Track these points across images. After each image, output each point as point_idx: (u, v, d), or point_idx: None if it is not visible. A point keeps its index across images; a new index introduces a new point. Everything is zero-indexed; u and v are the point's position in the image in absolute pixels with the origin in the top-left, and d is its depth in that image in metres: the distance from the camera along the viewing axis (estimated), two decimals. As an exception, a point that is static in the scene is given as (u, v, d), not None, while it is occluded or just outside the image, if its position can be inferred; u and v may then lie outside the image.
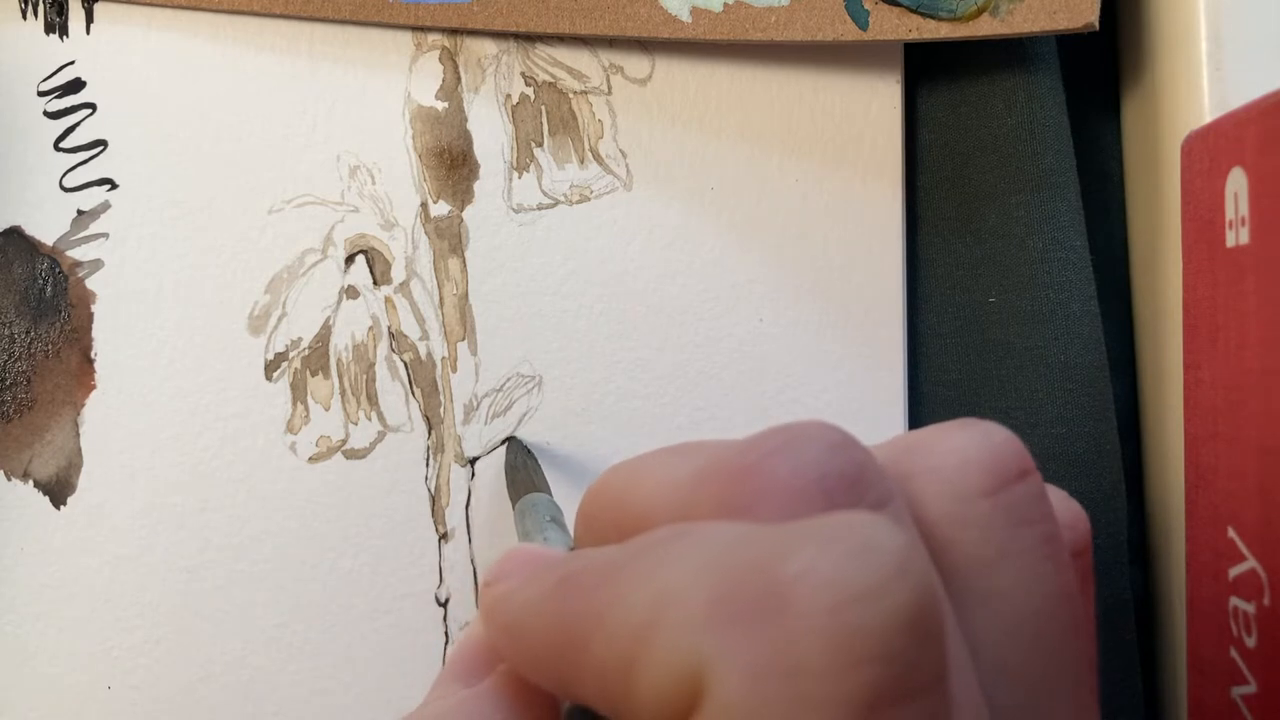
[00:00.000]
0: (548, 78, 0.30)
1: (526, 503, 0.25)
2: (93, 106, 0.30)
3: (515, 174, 0.30)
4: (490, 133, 0.30)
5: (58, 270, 0.29)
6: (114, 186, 0.29)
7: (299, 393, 0.29)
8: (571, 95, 0.30)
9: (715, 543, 0.13)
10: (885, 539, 0.13)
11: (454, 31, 0.30)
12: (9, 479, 0.29)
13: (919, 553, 0.13)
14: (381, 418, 0.29)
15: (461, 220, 0.30)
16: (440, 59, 0.30)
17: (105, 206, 0.29)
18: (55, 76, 0.30)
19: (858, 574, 0.12)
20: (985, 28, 0.28)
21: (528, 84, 0.30)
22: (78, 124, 0.30)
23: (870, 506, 0.15)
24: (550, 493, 0.26)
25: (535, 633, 0.15)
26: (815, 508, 0.14)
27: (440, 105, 0.30)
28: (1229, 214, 0.24)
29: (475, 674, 0.18)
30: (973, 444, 0.16)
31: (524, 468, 0.27)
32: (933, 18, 0.28)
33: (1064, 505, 0.18)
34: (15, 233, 0.29)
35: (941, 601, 0.13)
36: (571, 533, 0.20)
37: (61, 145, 0.29)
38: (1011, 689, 0.15)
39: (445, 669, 0.19)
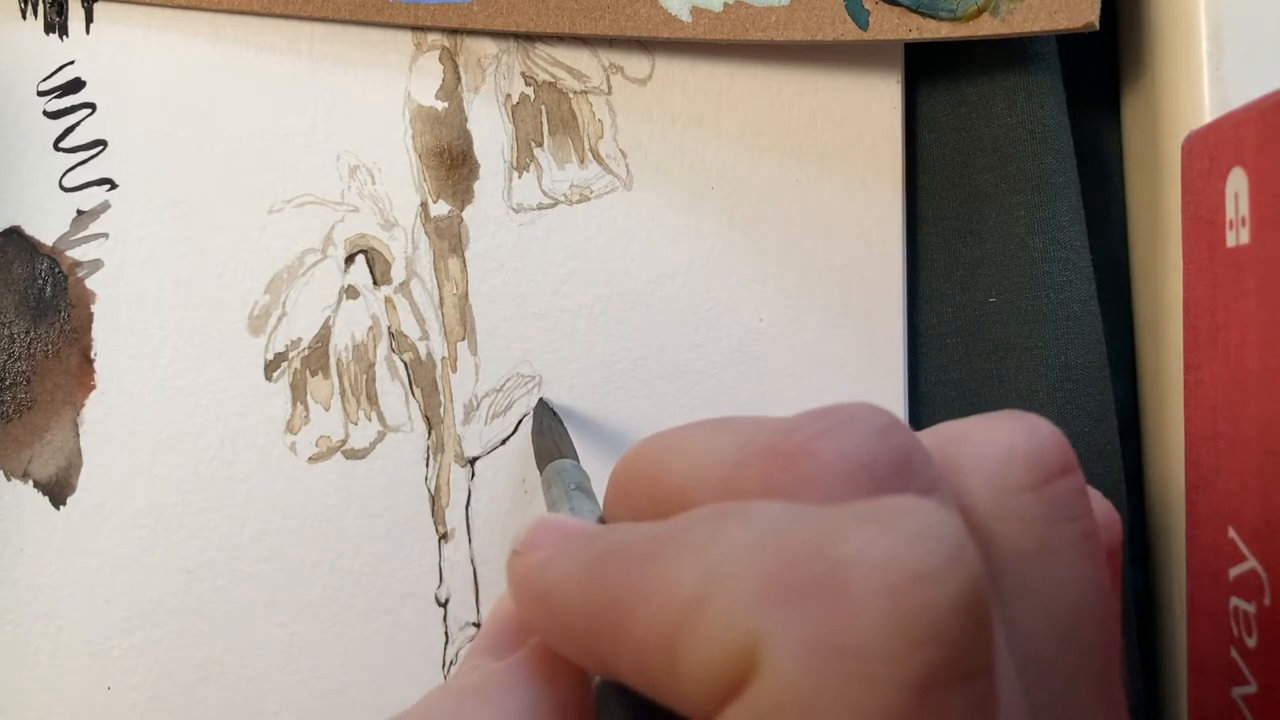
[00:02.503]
0: (548, 77, 0.30)
1: (553, 470, 0.24)
2: (92, 106, 0.30)
3: (515, 174, 0.30)
4: (490, 133, 0.30)
5: (57, 270, 0.29)
6: (114, 186, 0.29)
7: (299, 393, 0.29)
8: (571, 95, 0.30)
9: (767, 521, 0.13)
10: (941, 523, 0.13)
11: (454, 31, 0.30)
12: (9, 479, 0.29)
13: (970, 539, 0.13)
14: (381, 418, 0.29)
15: (461, 220, 0.30)
16: (440, 59, 0.30)
17: (105, 206, 0.29)
18: (55, 76, 0.30)
19: (916, 556, 0.12)
20: (985, 27, 0.28)
21: (528, 84, 0.30)
22: (77, 124, 0.30)
23: (917, 492, 0.15)
24: (577, 458, 0.25)
25: (572, 606, 0.15)
26: (862, 492, 0.14)
27: (440, 105, 0.30)
28: (1229, 214, 0.24)
29: (506, 647, 0.18)
30: (1018, 436, 0.16)
31: (550, 432, 0.27)
32: (933, 17, 0.28)
33: (1098, 504, 0.18)
34: (15, 233, 0.29)
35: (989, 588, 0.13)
36: (600, 502, 0.20)
37: (61, 145, 0.29)
38: (1046, 682, 0.15)
39: (476, 641, 0.18)
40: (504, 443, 0.29)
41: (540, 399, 0.29)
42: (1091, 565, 0.16)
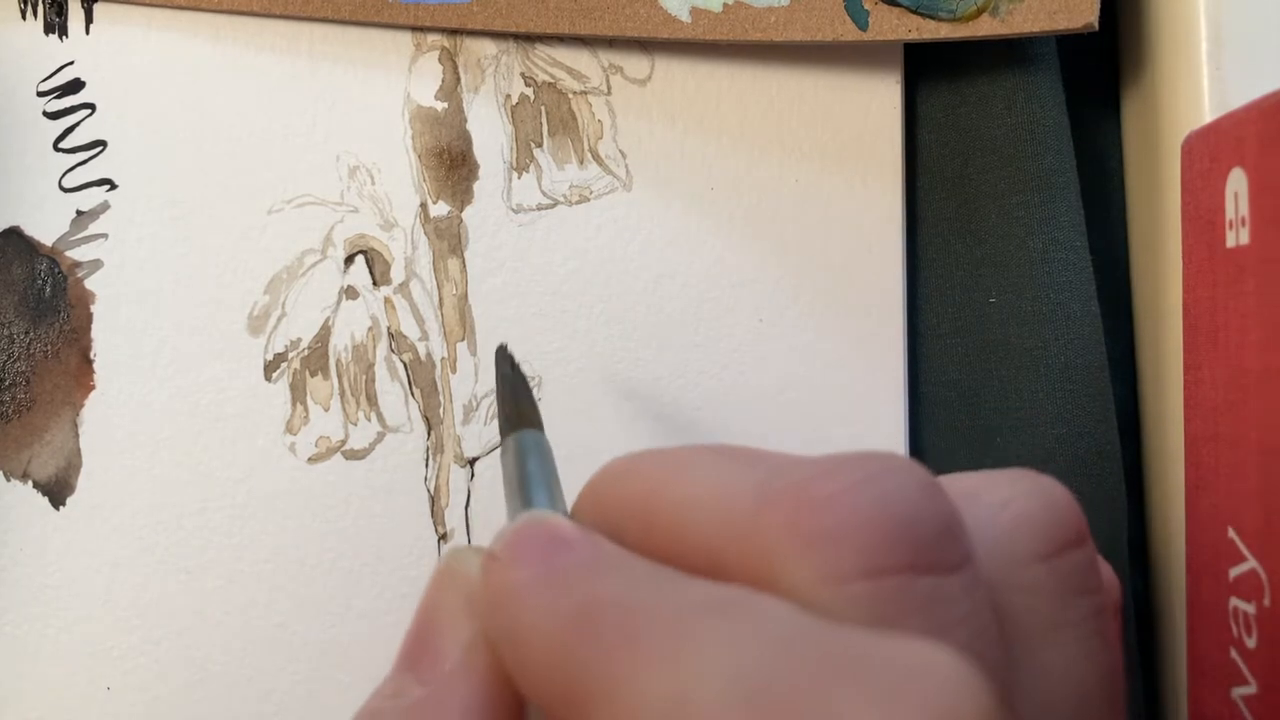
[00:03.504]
0: (547, 78, 0.30)
1: (520, 443, 0.20)
2: (92, 107, 0.30)
3: (515, 174, 0.30)
4: (490, 133, 0.30)
5: (57, 270, 0.29)
6: (113, 187, 0.29)
7: (298, 393, 0.29)
8: (571, 95, 0.30)
9: (761, 645, 0.12)
10: (970, 703, 0.11)
11: (454, 32, 0.30)
12: (8, 479, 0.29)
13: (1006, 710, 0.12)
14: (381, 418, 0.29)
15: (461, 220, 0.30)
16: (440, 59, 0.30)
17: (104, 207, 0.29)
18: (55, 77, 0.30)
19: None
20: (985, 28, 0.28)
21: (527, 84, 0.30)
22: (77, 124, 0.30)
23: (951, 568, 0.13)
24: (542, 425, 0.21)
25: (538, 657, 0.14)
26: (898, 559, 0.13)
27: (440, 105, 0.30)
28: (1229, 214, 0.24)
29: (431, 662, 0.16)
30: (1032, 501, 0.15)
31: (514, 393, 0.23)
32: (933, 18, 0.28)
33: (1099, 568, 0.16)
34: (14, 233, 0.29)
35: None
36: (560, 494, 0.18)
37: (61, 145, 0.29)
38: None
39: (399, 655, 0.17)
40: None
41: (501, 346, 0.25)
42: (1101, 643, 0.15)
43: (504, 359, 0.23)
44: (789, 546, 0.13)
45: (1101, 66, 0.32)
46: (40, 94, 0.30)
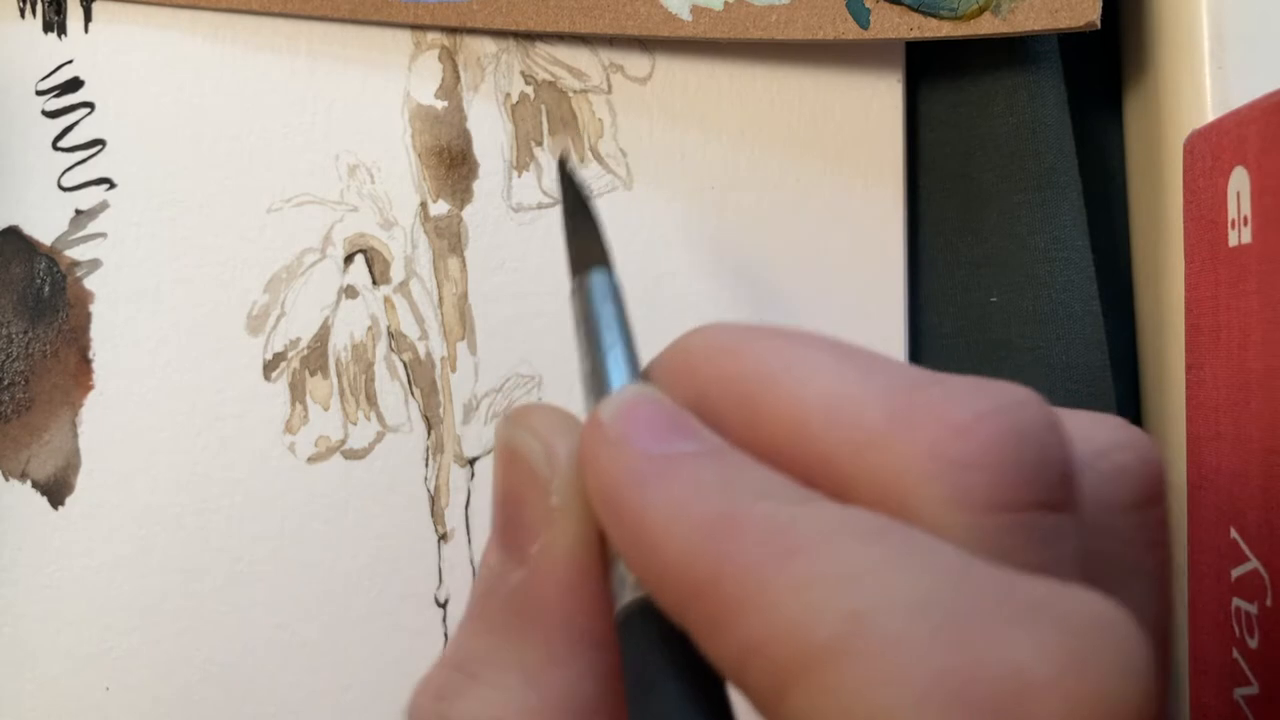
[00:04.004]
0: (547, 76, 0.30)
1: (596, 285, 0.18)
2: (91, 105, 0.29)
3: (515, 173, 0.30)
4: (490, 132, 0.30)
5: (56, 270, 0.29)
6: (112, 186, 0.29)
7: (298, 393, 0.29)
8: (571, 94, 0.30)
9: (932, 573, 0.12)
10: (1142, 657, 0.11)
11: (453, 30, 0.30)
12: (7, 479, 0.29)
13: (1149, 649, 0.12)
14: (381, 418, 0.29)
15: (461, 219, 0.30)
16: (440, 58, 0.30)
17: (103, 206, 0.29)
18: (53, 75, 0.29)
19: (1115, 701, 0.11)
20: (987, 26, 0.28)
21: (527, 83, 0.30)
22: (76, 123, 0.29)
23: (1067, 506, 0.13)
24: (612, 262, 0.19)
25: (669, 559, 0.13)
26: (1031, 496, 0.13)
27: (439, 104, 0.30)
28: (1231, 213, 0.24)
29: (523, 541, 0.16)
30: (1129, 452, 0.15)
31: (586, 222, 0.20)
32: (934, 16, 0.28)
33: (1138, 439, 0.16)
34: (13, 232, 0.29)
35: None
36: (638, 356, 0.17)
37: (59, 144, 0.29)
38: None
39: (493, 534, 0.17)
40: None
41: (563, 162, 0.21)
42: (1165, 592, 0.15)
43: (570, 185, 0.20)
44: (925, 468, 0.13)
45: (1103, 65, 0.32)
46: (39, 93, 0.29)
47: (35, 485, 0.29)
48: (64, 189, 0.29)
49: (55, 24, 0.30)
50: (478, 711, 0.15)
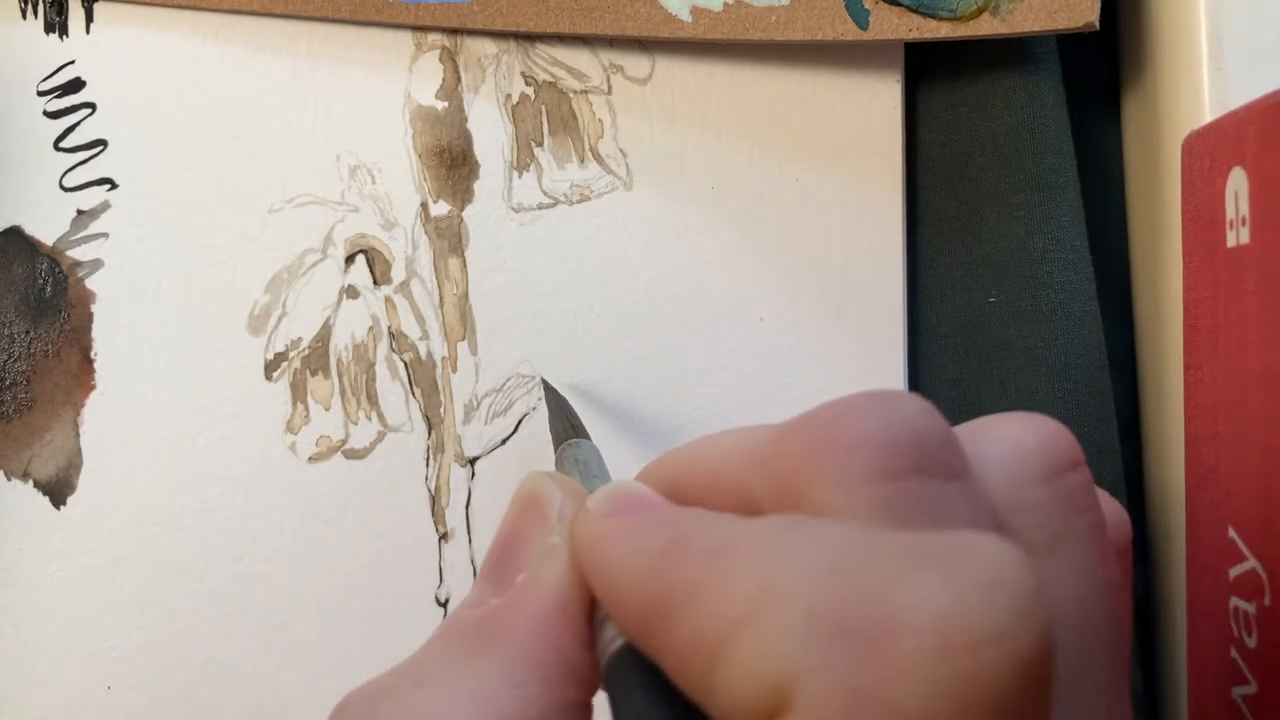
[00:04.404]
0: (548, 77, 0.30)
1: (570, 450, 0.24)
2: (92, 106, 0.30)
3: (515, 174, 0.30)
4: (490, 132, 0.30)
5: (57, 270, 0.29)
6: (114, 186, 0.29)
7: (299, 392, 0.29)
8: (571, 95, 0.30)
9: (827, 543, 0.13)
10: (1016, 575, 0.12)
11: (454, 31, 0.30)
12: (9, 479, 0.29)
13: (1043, 587, 0.12)
14: (381, 418, 0.29)
15: (461, 220, 0.30)
16: (440, 59, 0.30)
17: (105, 206, 0.29)
18: (55, 76, 0.30)
19: (980, 615, 0.11)
20: (985, 27, 0.28)
21: (528, 83, 0.30)
22: (77, 124, 0.30)
23: (952, 475, 0.15)
24: (589, 436, 0.25)
25: (629, 585, 0.15)
26: (906, 464, 0.14)
27: (440, 105, 0.30)
28: (1229, 214, 0.24)
29: (509, 576, 0.18)
30: (1028, 432, 0.17)
31: (561, 412, 0.27)
32: (933, 17, 0.28)
33: (1108, 504, 0.18)
34: (15, 232, 0.29)
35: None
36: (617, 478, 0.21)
37: (61, 145, 0.29)
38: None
39: (482, 571, 0.19)
40: (504, 443, 0.29)
41: (543, 380, 0.29)
42: (1100, 557, 0.16)
43: (550, 391, 0.28)
44: (809, 461, 0.15)
45: (1102, 66, 0.32)
46: (41, 93, 0.30)
47: (37, 485, 0.29)
48: (66, 189, 0.29)
49: (57, 25, 0.30)
50: (408, 715, 0.17)
